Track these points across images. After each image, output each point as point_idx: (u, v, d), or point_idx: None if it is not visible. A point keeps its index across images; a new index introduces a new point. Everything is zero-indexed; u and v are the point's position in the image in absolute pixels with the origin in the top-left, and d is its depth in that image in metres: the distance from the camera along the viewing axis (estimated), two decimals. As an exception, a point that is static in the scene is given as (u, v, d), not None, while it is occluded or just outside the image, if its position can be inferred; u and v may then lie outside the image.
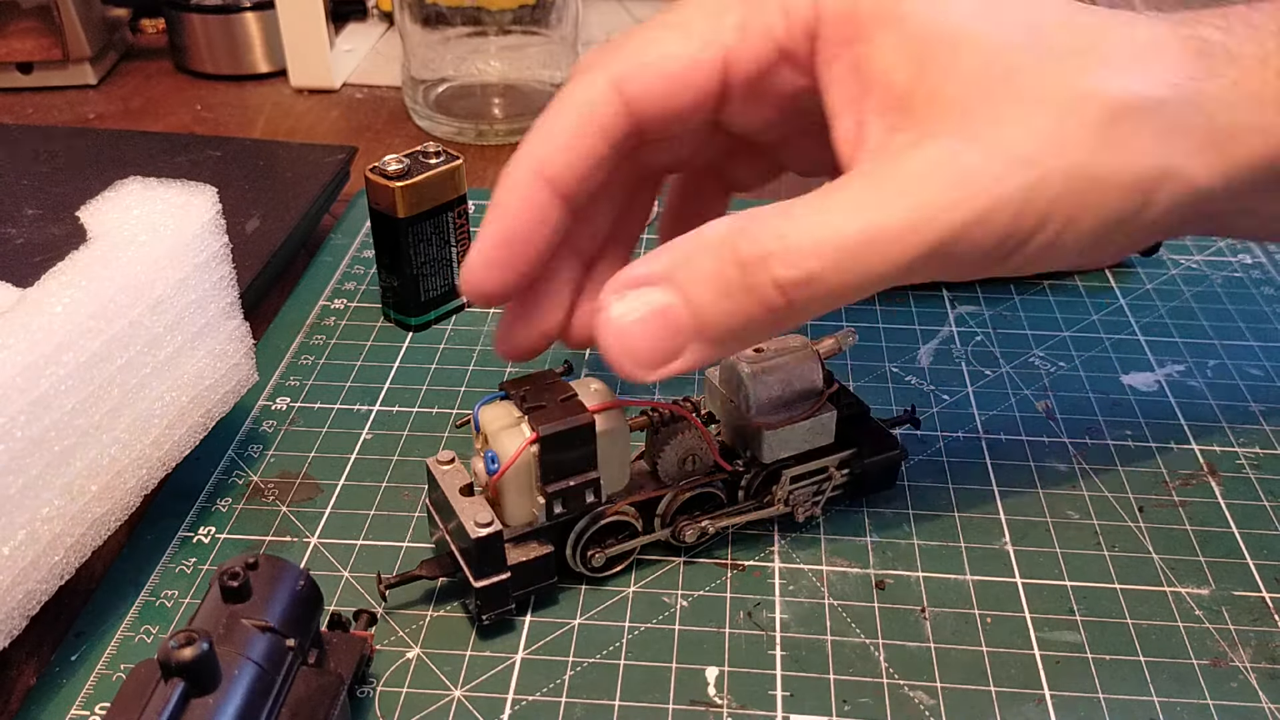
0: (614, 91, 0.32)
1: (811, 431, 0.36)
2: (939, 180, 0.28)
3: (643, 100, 0.33)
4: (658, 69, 0.32)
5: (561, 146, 0.33)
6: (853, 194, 0.29)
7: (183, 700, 0.26)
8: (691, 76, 0.32)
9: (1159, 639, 0.35)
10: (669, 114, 0.33)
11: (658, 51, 0.33)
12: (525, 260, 0.33)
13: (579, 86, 0.33)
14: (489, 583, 0.33)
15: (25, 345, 0.31)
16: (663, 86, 0.33)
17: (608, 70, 0.33)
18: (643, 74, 0.32)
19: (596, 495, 0.34)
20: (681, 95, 0.33)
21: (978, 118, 0.29)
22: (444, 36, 0.67)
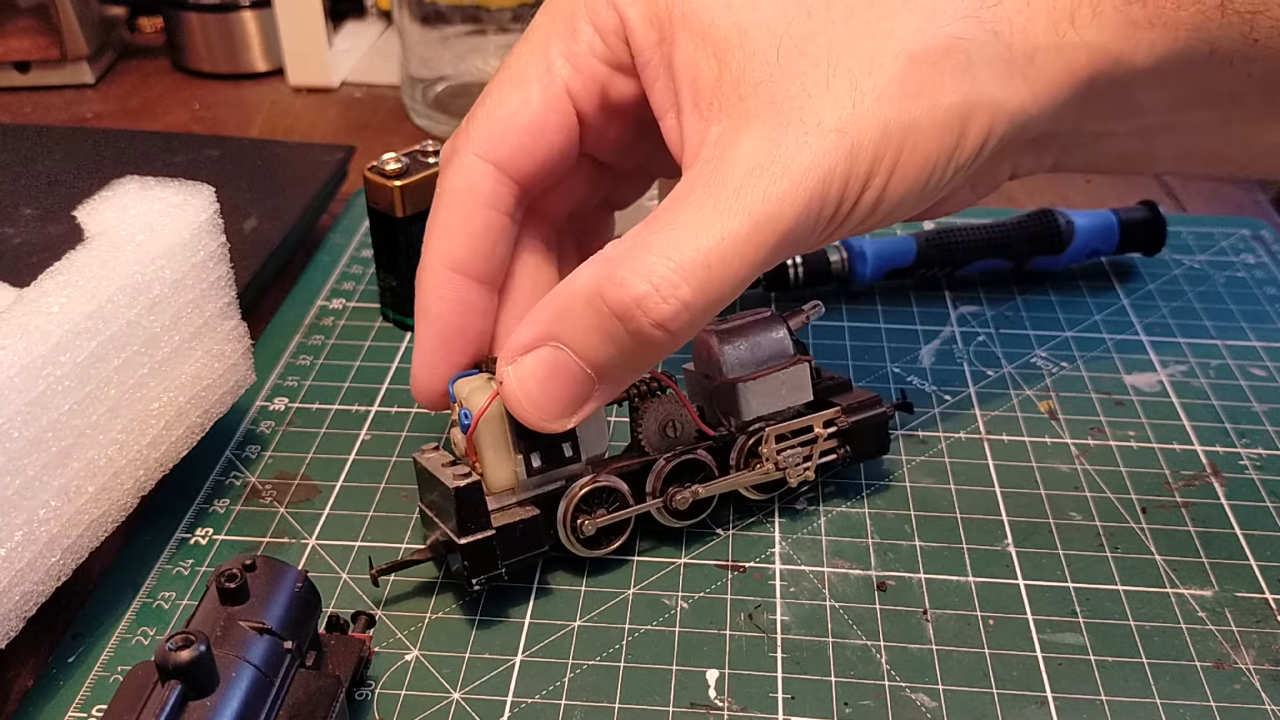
0: (484, 164, 0.34)
1: (787, 386, 0.37)
2: (766, 173, 0.29)
3: (513, 162, 0.34)
4: (512, 126, 0.34)
5: (461, 236, 0.35)
6: (694, 208, 0.30)
7: (180, 702, 0.26)
8: (546, 121, 0.34)
9: (1162, 641, 0.34)
10: (542, 164, 0.35)
11: (505, 111, 0.34)
12: (464, 351, 0.36)
13: (453, 173, 0.35)
14: (474, 539, 0.33)
15: (22, 345, 0.31)
16: (524, 141, 0.34)
17: (471, 146, 0.34)
18: (503, 139, 0.34)
19: (575, 450, 0.35)
20: (544, 143, 0.34)
21: (784, 96, 0.30)
22: (443, 35, 0.67)
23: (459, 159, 0.35)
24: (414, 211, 0.46)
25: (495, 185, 0.35)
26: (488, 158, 0.34)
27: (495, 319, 0.37)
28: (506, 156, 0.34)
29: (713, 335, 0.37)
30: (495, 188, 0.35)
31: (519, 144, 0.34)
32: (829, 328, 0.49)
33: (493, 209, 0.35)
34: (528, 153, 0.34)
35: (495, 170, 0.34)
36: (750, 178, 0.29)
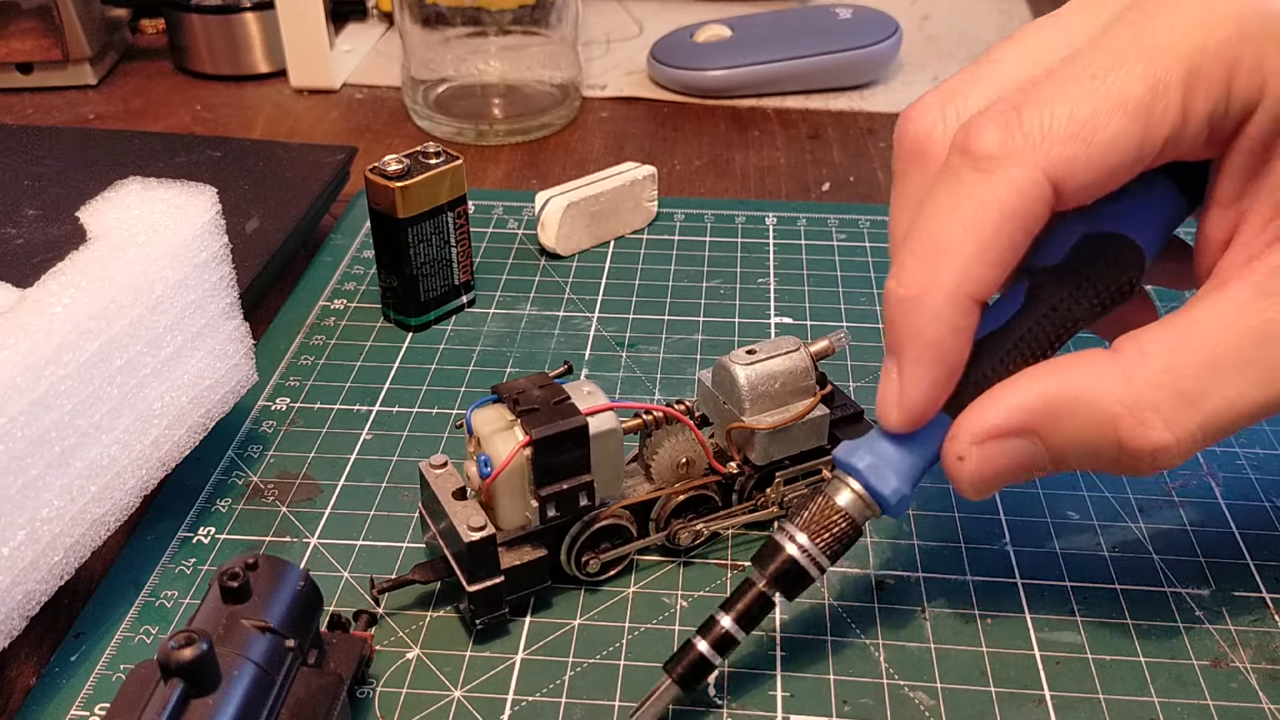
0: (1047, 187, 0.28)
1: (805, 433, 0.36)
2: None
3: (1074, 192, 0.28)
4: (1104, 162, 0.28)
5: (997, 263, 0.29)
6: (1237, 368, 0.27)
7: (182, 701, 0.26)
8: (1133, 168, 0.28)
9: (1159, 640, 0.35)
10: (1089, 198, 0.29)
11: (1103, 138, 0.28)
12: (957, 379, 0.30)
13: (1002, 185, 0.28)
14: (482, 587, 0.33)
15: (25, 346, 0.31)
16: (1101, 179, 0.28)
17: (1036, 159, 0.28)
18: (1085, 170, 0.28)
19: (590, 498, 0.34)
20: (1114, 183, 0.29)
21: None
22: (444, 37, 0.67)
23: (1022, 173, 0.28)
24: (415, 213, 0.46)
25: (1045, 211, 0.28)
26: (1055, 182, 0.28)
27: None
28: (1075, 188, 0.28)
29: (739, 369, 0.35)
30: (1044, 214, 0.28)
31: (1096, 181, 0.28)
32: (827, 327, 0.49)
33: (1028, 235, 0.29)
34: (1091, 191, 0.28)
35: (1053, 196, 0.28)
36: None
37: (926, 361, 0.29)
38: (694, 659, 0.31)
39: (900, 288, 0.29)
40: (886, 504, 0.31)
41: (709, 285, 0.52)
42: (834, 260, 0.54)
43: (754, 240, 0.56)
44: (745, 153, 0.66)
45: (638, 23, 0.83)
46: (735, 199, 0.61)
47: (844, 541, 0.31)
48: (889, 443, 0.31)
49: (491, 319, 0.50)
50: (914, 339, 0.29)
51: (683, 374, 0.46)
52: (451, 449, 0.42)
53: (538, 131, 0.68)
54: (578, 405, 0.33)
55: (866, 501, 0.31)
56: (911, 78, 0.75)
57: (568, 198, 0.53)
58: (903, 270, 0.29)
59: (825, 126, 0.69)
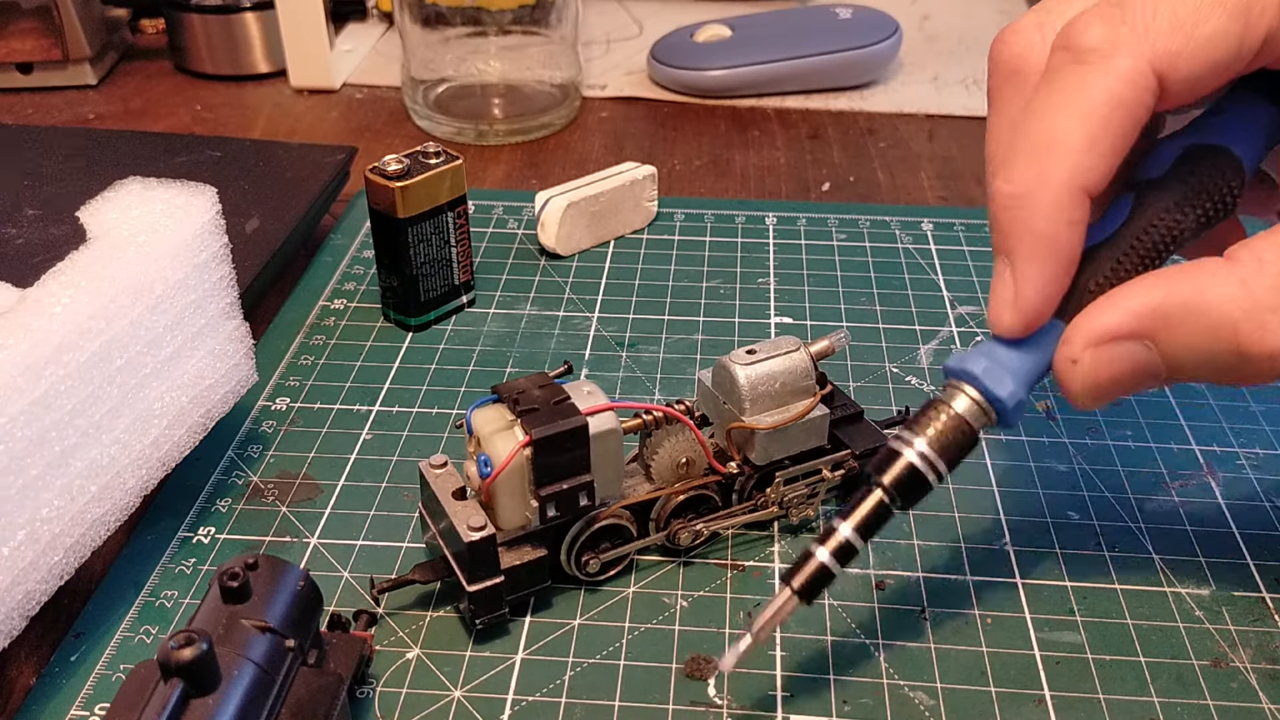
0: (1152, 77, 0.28)
1: (805, 433, 0.36)
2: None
3: (1178, 85, 0.29)
4: (1206, 56, 0.28)
5: (1109, 154, 0.29)
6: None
7: (182, 701, 0.26)
8: (1235, 64, 0.29)
9: (1159, 640, 0.35)
10: (1191, 95, 0.29)
11: (1205, 32, 0.28)
12: (1071, 276, 0.30)
13: (1113, 75, 0.28)
14: (482, 587, 0.33)
15: (25, 346, 0.31)
16: (1203, 73, 0.29)
17: (1142, 51, 0.28)
18: (1190, 62, 0.28)
19: (590, 498, 0.34)
20: (1216, 80, 0.29)
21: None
22: (444, 37, 0.67)
23: (1121, 62, 0.28)
24: (415, 212, 0.46)
25: (1151, 101, 0.28)
26: (1161, 73, 0.28)
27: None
28: (1180, 80, 0.28)
29: (739, 369, 0.36)
30: (1150, 104, 0.29)
31: (1200, 75, 0.28)
32: (827, 327, 0.49)
33: (1137, 128, 0.29)
34: (1195, 85, 0.29)
35: (1159, 87, 0.28)
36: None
37: (1041, 258, 0.29)
38: (815, 569, 0.30)
39: (1009, 184, 0.29)
40: (1004, 408, 0.30)
41: (709, 285, 0.52)
42: (834, 260, 0.54)
43: (754, 240, 0.56)
44: (745, 153, 0.66)
45: (638, 23, 0.83)
46: (735, 199, 0.61)
47: (962, 446, 0.31)
48: (1003, 347, 0.30)
49: (491, 319, 0.50)
50: (1028, 236, 0.29)
51: (683, 374, 0.46)
52: (451, 449, 0.42)
53: (538, 131, 0.68)
54: (578, 405, 0.33)
55: (983, 407, 0.30)
56: (911, 78, 0.75)
57: (568, 198, 0.53)
58: (1011, 169, 0.29)
59: (825, 126, 0.69)
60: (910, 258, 0.54)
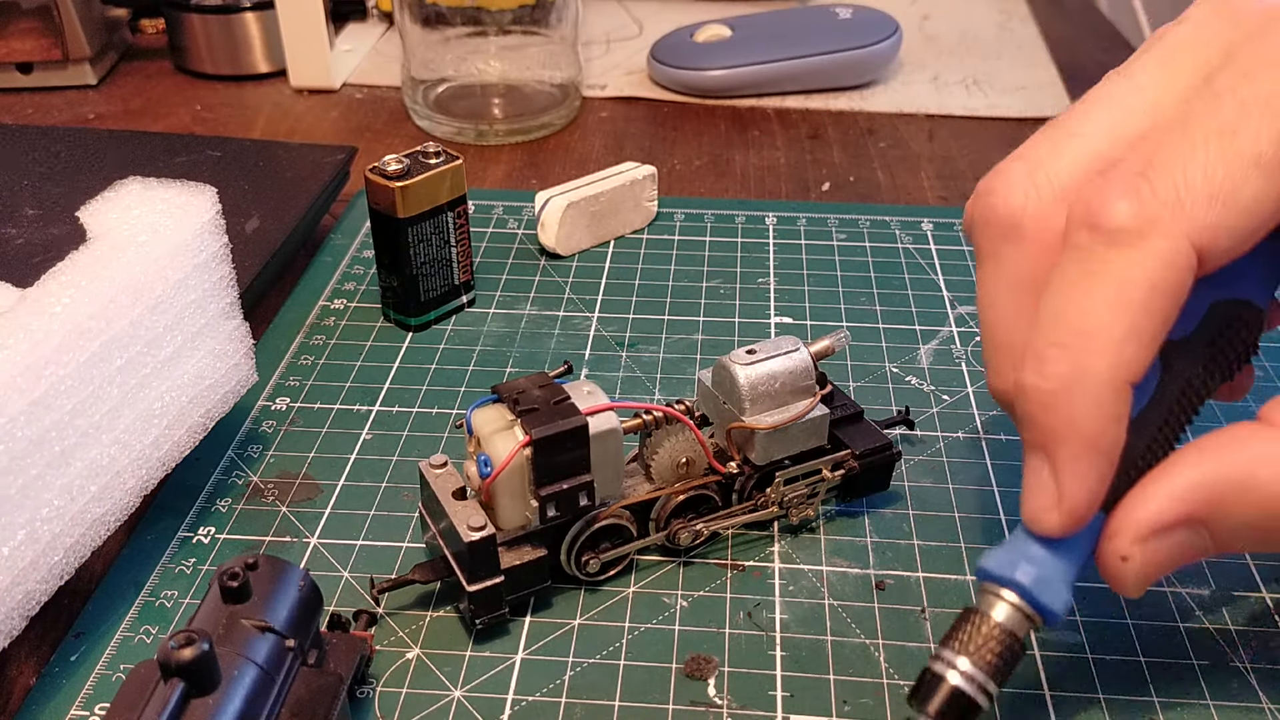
0: (1193, 255, 0.26)
1: (805, 433, 0.36)
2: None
3: (1218, 257, 0.27)
4: (1248, 225, 0.26)
5: (1150, 343, 0.27)
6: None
7: (182, 701, 0.26)
8: (1268, 226, 0.27)
9: (1159, 639, 0.35)
10: (1228, 261, 0.27)
11: (1245, 198, 0.26)
12: (1114, 471, 0.28)
13: (1147, 258, 0.26)
14: (482, 587, 0.33)
15: (25, 346, 0.31)
16: (1243, 242, 0.27)
17: (1180, 228, 0.26)
18: (1231, 233, 0.26)
19: (590, 498, 0.34)
20: (1249, 246, 0.27)
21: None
22: (444, 36, 0.67)
23: (1168, 244, 0.26)
24: (415, 212, 0.46)
25: (1190, 281, 0.27)
26: (1200, 249, 0.26)
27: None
28: (1220, 254, 0.27)
29: (739, 369, 0.35)
30: (1190, 285, 0.27)
31: (1239, 244, 0.27)
32: (827, 327, 0.49)
33: (1178, 308, 0.27)
34: (1237, 252, 0.27)
35: (1199, 263, 0.27)
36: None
37: (1087, 458, 0.27)
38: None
39: (1044, 380, 0.27)
40: (1054, 617, 0.28)
41: (709, 285, 0.52)
42: (834, 260, 0.54)
43: (754, 240, 0.56)
44: (745, 153, 0.66)
45: (638, 23, 0.83)
46: (735, 199, 0.61)
47: (1010, 661, 0.28)
48: (1041, 547, 0.28)
49: (491, 319, 0.50)
50: (1071, 435, 0.27)
51: (683, 374, 0.46)
52: (451, 449, 0.42)
53: (538, 131, 0.68)
54: (578, 405, 0.33)
55: (1027, 614, 0.28)
56: (911, 78, 0.75)
57: (568, 198, 0.53)
58: (1044, 362, 0.27)
59: (825, 126, 0.69)
60: (910, 258, 0.54)
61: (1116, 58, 0.38)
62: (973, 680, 0.28)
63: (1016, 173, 0.30)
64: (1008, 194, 0.29)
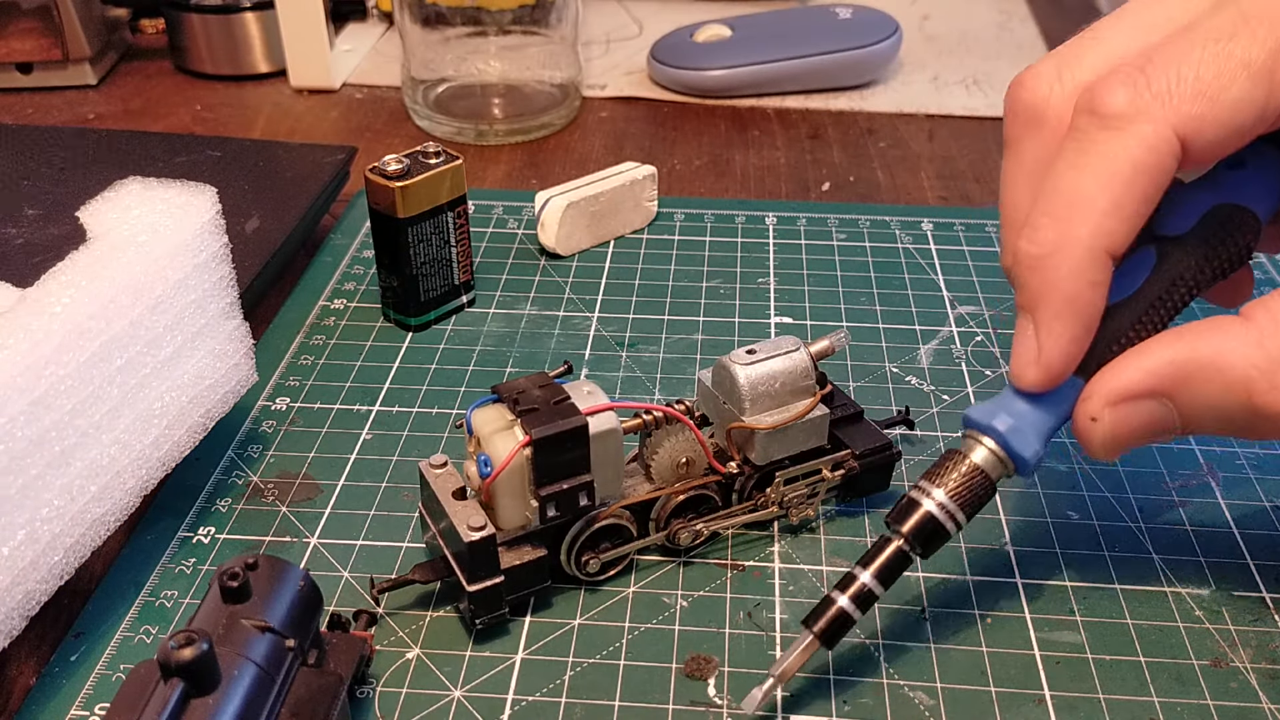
0: (1176, 143, 0.29)
1: (805, 433, 0.36)
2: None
3: (1201, 150, 0.29)
4: (1230, 122, 0.29)
5: (1131, 218, 0.29)
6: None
7: (182, 701, 0.26)
8: (1255, 129, 0.29)
9: (1159, 639, 0.35)
10: (1214, 158, 0.30)
11: (1229, 98, 0.28)
12: (1092, 335, 0.31)
13: (1136, 142, 0.29)
14: (482, 587, 0.33)
15: (25, 346, 0.31)
16: (1226, 138, 0.29)
17: (1166, 116, 0.29)
18: (1214, 127, 0.29)
19: (590, 498, 0.34)
20: (1238, 143, 0.30)
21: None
22: (444, 36, 0.67)
23: (1153, 129, 0.29)
24: (415, 212, 0.46)
25: (1174, 166, 0.29)
26: (1184, 139, 0.29)
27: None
28: (1203, 147, 0.29)
29: (739, 369, 0.35)
30: (1172, 169, 0.29)
31: (1223, 140, 0.29)
32: (827, 327, 0.49)
33: (1159, 191, 0.29)
34: (1217, 150, 0.29)
35: (1181, 152, 0.29)
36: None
37: (1064, 318, 0.30)
38: (835, 615, 0.31)
39: (1034, 245, 0.30)
40: (1024, 464, 0.31)
41: (709, 285, 0.52)
42: (834, 260, 0.54)
43: (754, 240, 0.56)
44: (745, 153, 0.66)
45: (638, 23, 0.83)
46: (735, 199, 0.61)
47: (980, 497, 0.32)
48: (1024, 402, 0.31)
49: (491, 319, 0.50)
50: (1051, 295, 0.30)
51: (683, 374, 0.46)
52: (451, 449, 0.42)
53: (538, 131, 0.68)
54: (578, 405, 0.33)
55: (1002, 459, 0.31)
56: (911, 78, 0.75)
57: (568, 198, 0.53)
58: (1036, 229, 0.30)
59: (825, 126, 0.69)
60: (910, 258, 0.54)
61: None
62: (944, 509, 0.31)
63: (1046, 68, 0.32)
64: (1035, 87, 0.32)
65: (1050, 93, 0.32)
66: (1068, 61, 0.32)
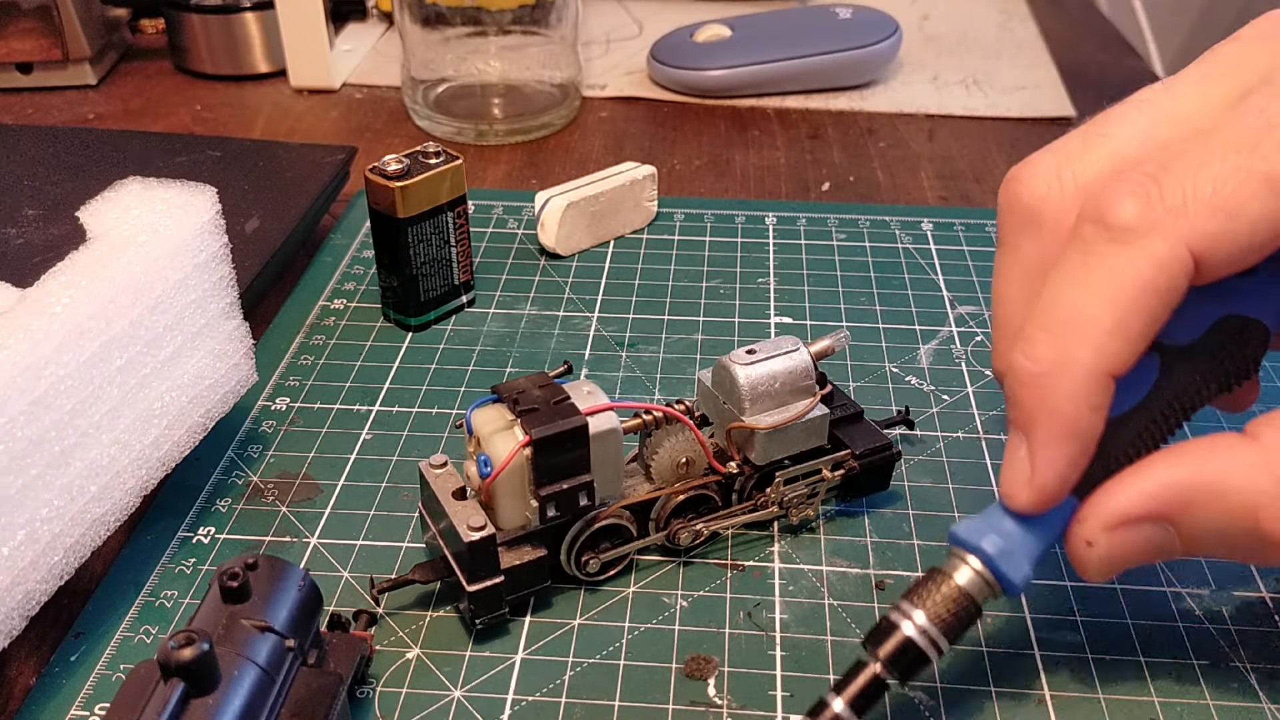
0: (1189, 261, 0.27)
1: (805, 433, 0.36)
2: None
3: (1215, 267, 0.27)
4: (1248, 240, 0.27)
5: (1138, 340, 0.27)
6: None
7: (182, 701, 0.26)
8: (1272, 245, 0.27)
9: (1159, 639, 0.35)
10: (1227, 274, 0.28)
11: (1249, 214, 0.26)
12: (1089, 459, 0.29)
13: (1142, 257, 0.27)
14: (482, 587, 0.33)
15: (25, 346, 0.31)
16: (1243, 255, 0.27)
17: (1180, 233, 0.27)
18: (1229, 246, 0.27)
19: (590, 498, 0.34)
20: (1254, 259, 0.28)
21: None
22: (444, 36, 0.67)
23: (1165, 246, 0.27)
24: (415, 212, 0.46)
25: (1185, 287, 0.27)
26: (1197, 256, 0.27)
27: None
28: (1218, 263, 0.27)
29: (739, 369, 0.35)
30: (1184, 290, 0.27)
31: (1238, 257, 0.27)
32: (827, 327, 0.49)
33: (1169, 309, 0.28)
34: (1230, 266, 0.27)
35: (1193, 269, 0.27)
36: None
37: (1061, 441, 0.28)
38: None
39: (1030, 362, 0.28)
40: (1013, 587, 0.29)
41: (709, 285, 0.52)
42: (834, 260, 0.54)
43: (754, 240, 0.56)
44: (745, 153, 0.66)
45: (638, 23, 0.83)
46: (735, 199, 0.61)
47: (964, 623, 0.30)
48: (1013, 522, 0.29)
49: (491, 319, 0.50)
50: (1048, 417, 0.28)
51: (683, 374, 0.46)
52: (451, 449, 0.42)
53: (538, 131, 0.68)
54: (578, 405, 0.33)
55: (988, 581, 0.29)
56: (911, 78, 0.75)
57: (568, 198, 0.53)
58: (1032, 345, 0.28)
59: (825, 126, 0.69)
60: (910, 258, 0.54)
61: (1116, 58, 0.38)
62: (925, 634, 0.29)
63: (1044, 164, 0.30)
64: (1032, 184, 0.30)
65: (1049, 191, 0.30)
66: (1069, 158, 0.30)
